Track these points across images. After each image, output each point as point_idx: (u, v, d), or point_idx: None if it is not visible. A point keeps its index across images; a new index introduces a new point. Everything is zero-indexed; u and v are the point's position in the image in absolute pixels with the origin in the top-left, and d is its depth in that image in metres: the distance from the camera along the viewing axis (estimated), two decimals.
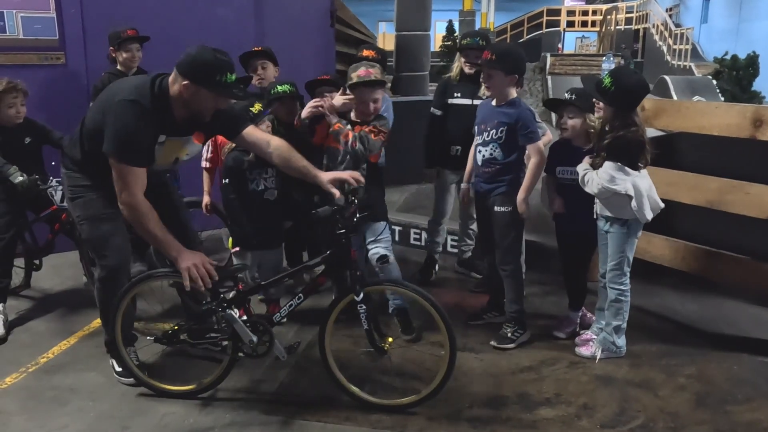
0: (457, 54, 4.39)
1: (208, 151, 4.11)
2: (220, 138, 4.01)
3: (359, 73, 3.45)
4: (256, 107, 3.59)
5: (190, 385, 3.14)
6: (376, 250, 3.57)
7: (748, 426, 2.93)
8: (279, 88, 3.98)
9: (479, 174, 3.70)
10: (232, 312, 2.97)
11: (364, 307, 2.92)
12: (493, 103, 3.63)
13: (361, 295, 2.91)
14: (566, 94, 3.58)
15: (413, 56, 7.95)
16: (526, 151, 3.57)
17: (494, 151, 3.57)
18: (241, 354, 3.04)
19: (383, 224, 3.61)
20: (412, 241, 5.42)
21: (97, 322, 3.95)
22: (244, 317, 3.07)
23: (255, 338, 2.99)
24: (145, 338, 3.27)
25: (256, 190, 3.69)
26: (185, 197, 4.47)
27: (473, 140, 3.77)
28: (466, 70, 4.25)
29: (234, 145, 3.65)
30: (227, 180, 3.73)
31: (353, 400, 3.06)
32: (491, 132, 3.57)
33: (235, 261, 3.85)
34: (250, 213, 3.71)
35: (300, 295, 3.06)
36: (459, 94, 4.30)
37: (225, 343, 3.03)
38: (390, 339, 3.04)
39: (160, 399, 3.12)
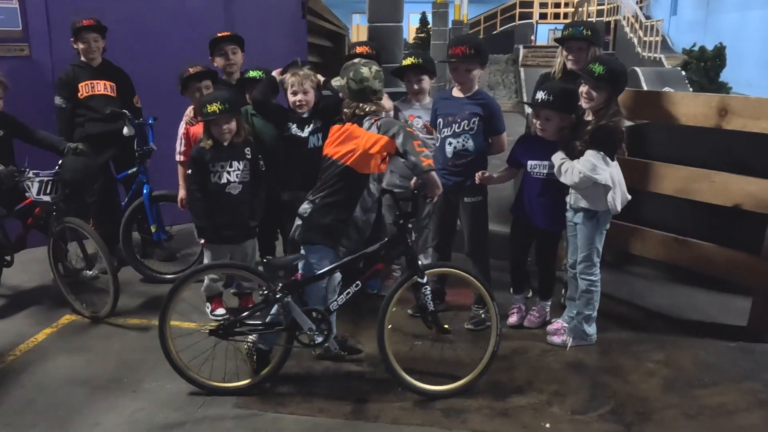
0: (559, 49, 3.89)
1: (181, 145, 4.05)
2: (193, 131, 3.96)
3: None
4: (214, 106, 3.47)
5: (245, 380, 3.13)
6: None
7: (715, 409, 2.99)
8: (251, 73, 3.96)
9: (446, 167, 3.66)
10: (291, 300, 3.00)
11: (428, 288, 3.03)
12: (458, 94, 3.65)
13: (426, 278, 3.00)
14: (542, 94, 3.44)
15: (386, 48, 7.90)
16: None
17: (466, 142, 3.60)
18: (296, 343, 3.07)
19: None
20: None
21: (65, 319, 3.90)
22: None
23: (314, 326, 3.02)
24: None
25: (219, 183, 3.64)
26: (155, 191, 4.43)
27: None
28: (569, 65, 3.74)
29: (206, 138, 3.61)
30: (190, 171, 3.69)
31: (410, 390, 3.08)
32: (462, 123, 3.58)
33: (206, 254, 3.81)
34: (212, 206, 3.66)
35: (358, 282, 3.08)
36: None
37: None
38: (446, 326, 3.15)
39: (131, 395, 3.09)
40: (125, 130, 4.38)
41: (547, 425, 2.86)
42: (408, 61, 3.89)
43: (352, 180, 3.04)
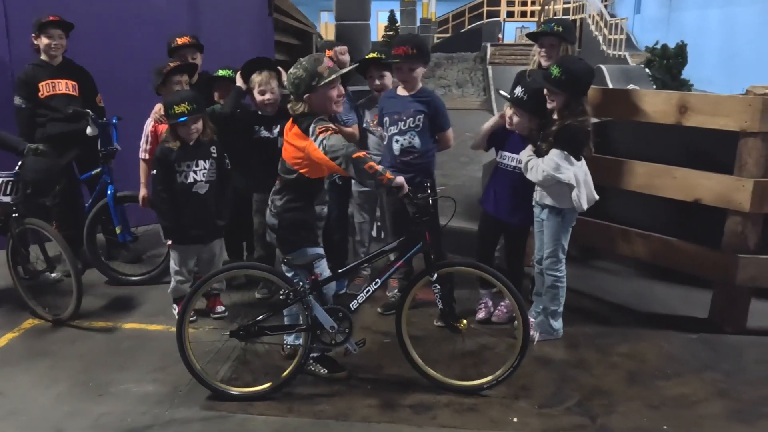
0: (534, 47, 3.90)
1: (147, 142, 4.00)
2: (161, 128, 3.92)
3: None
4: (183, 107, 3.45)
5: (265, 384, 3.07)
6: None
7: (677, 400, 3.06)
8: (220, 72, 3.96)
9: (395, 165, 3.67)
10: (312, 299, 3.00)
11: (438, 287, 3.04)
12: (403, 93, 3.69)
13: (435, 275, 3.01)
14: (519, 90, 3.48)
15: (353, 46, 7.92)
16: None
17: (412, 139, 3.64)
18: (316, 343, 3.05)
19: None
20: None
21: (28, 323, 3.82)
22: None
23: (336, 325, 3.02)
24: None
25: (185, 182, 3.61)
26: (119, 192, 4.37)
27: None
28: (543, 62, 3.78)
29: (172, 139, 3.58)
30: (155, 171, 3.65)
31: (430, 382, 3.12)
32: (408, 120, 3.63)
33: (172, 255, 3.77)
34: (178, 206, 3.62)
35: (377, 280, 3.09)
36: None
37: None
38: (464, 321, 3.13)
39: (96, 399, 3.04)
40: (89, 130, 4.31)
41: (515, 419, 2.90)
42: (371, 56, 3.93)
43: (307, 185, 3.03)
